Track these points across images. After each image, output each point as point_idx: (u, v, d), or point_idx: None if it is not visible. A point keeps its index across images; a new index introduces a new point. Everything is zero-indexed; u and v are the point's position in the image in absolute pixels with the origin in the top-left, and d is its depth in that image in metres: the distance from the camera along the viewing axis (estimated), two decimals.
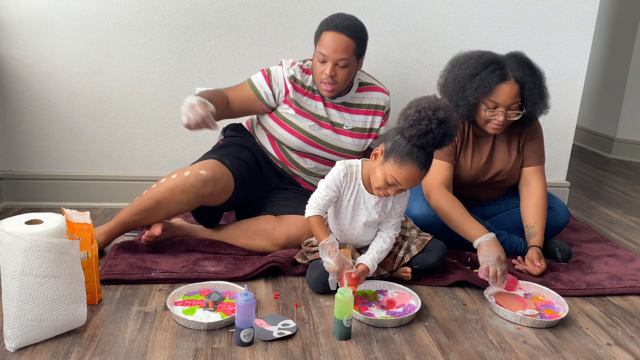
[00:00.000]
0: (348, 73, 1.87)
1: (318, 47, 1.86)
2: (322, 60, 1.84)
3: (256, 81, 1.96)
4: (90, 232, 1.50)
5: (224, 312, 1.51)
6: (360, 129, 2.00)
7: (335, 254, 1.56)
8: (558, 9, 2.43)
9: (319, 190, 1.63)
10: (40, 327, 1.32)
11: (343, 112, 1.99)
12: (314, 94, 1.97)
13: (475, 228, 1.76)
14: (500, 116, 1.84)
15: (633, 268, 1.95)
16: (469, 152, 1.97)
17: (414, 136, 1.46)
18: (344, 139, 1.99)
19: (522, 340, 1.49)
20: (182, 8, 2.22)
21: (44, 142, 2.31)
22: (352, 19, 1.86)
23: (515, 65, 1.84)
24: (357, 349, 1.40)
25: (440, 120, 1.44)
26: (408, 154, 1.48)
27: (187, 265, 1.75)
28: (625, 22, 3.88)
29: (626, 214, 2.69)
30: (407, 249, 1.76)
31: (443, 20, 2.38)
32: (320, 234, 1.60)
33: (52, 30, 2.19)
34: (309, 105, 1.96)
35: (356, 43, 1.84)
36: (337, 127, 1.98)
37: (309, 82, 1.96)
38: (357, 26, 1.86)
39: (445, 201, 1.83)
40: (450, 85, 1.88)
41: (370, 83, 2.02)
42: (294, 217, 1.89)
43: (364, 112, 2.00)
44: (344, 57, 1.82)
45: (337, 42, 1.81)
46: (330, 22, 1.84)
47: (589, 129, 4.24)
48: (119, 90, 2.28)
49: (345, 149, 2.00)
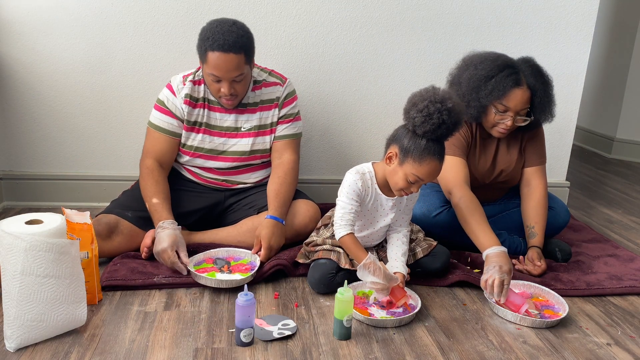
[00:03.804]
0: (246, 82, 1.84)
1: (207, 68, 1.76)
2: (216, 80, 1.78)
3: (157, 121, 1.90)
4: (90, 232, 1.50)
5: (241, 272, 1.68)
6: (259, 126, 1.95)
7: (380, 272, 1.53)
8: (558, 9, 2.43)
9: (342, 205, 1.59)
10: (40, 327, 1.32)
11: (240, 114, 1.93)
12: (210, 104, 1.91)
13: (489, 237, 1.70)
14: (508, 120, 1.84)
15: (633, 268, 1.95)
16: (476, 153, 1.97)
17: (429, 131, 1.46)
18: (243, 141, 1.94)
19: (522, 340, 1.49)
20: (182, 8, 2.22)
21: (44, 142, 2.31)
22: (234, 30, 1.73)
23: (529, 71, 1.84)
24: (357, 349, 1.40)
25: (449, 109, 1.44)
26: (426, 150, 1.48)
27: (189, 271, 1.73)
28: (625, 22, 3.88)
29: (626, 214, 2.69)
30: (412, 252, 1.76)
31: (443, 20, 2.38)
32: (359, 253, 1.56)
33: (52, 30, 2.19)
34: (201, 117, 1.91)
35: (245, 54, 1.76)
36: (234, 132, 1.94)
37: (201, 94, 1.90)
38: (241, 37, 1.74)
39: (468, 201, 1.78)
40: (465, 84, 1.87)
41: (262, 80, 1.96)
42: (296, 205, 1.90)
43: (261, 109, 1.95)
44: (238, 73, 1.76)
45: (227, 62, 1.72)
46: (213, 40, 1.71)
47: (589, 129, 4.24)
48: (119, 90, 2.28)
49: (246, 151, 1.95)
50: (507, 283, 1.60)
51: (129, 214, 1.85)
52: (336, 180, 1.69)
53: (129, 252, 1.82)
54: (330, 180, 2.44)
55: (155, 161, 1.89)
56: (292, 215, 1.88)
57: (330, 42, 2.34)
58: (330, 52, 2.35)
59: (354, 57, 2.38)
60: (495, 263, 1.61)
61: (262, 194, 1.98)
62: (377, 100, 2.43)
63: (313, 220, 1.90)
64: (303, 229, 1.89)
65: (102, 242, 1.74)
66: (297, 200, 1.94)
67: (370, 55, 2.38)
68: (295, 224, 1.88)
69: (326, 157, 2.48)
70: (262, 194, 1.98)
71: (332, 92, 2.40)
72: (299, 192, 2.03)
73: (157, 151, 1.90)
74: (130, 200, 1.92)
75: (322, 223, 1.80)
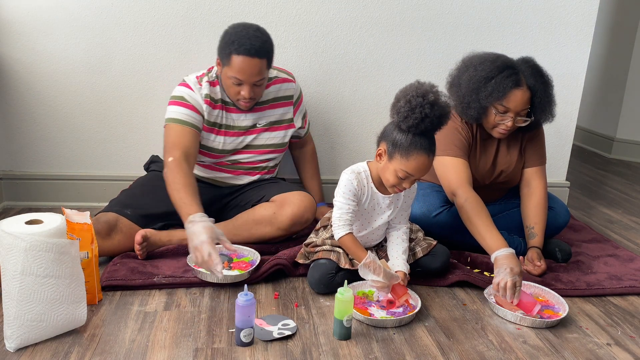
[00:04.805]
0: (264, 86, 1.88)
1: (229, 71, 1.78)
2: (237, 83, 1.80)
3: (180, 115, 1.85)
4: (90, 232, 1.50)
5: (241, 269, 1.70)
6: (275, 122, 2.01)
7: (380, 270, 1.54)
8: (558, 9, 2.43)
9: (339, 206, 1.60)
10: (40, 327, 1.32)
11: (255, 112, 1.97)
12: (226, 105, 1.93)
13: (495, 240, 1.70)
14: (508, 121, 1.84)
15: (633, 268, 1.95)
16: (477, 154, 1.97)
17: (412, 126, 1.47)
18: (262, 136, 1.99)
19: (522, 340, 1.49)
20: (182, 8, 2.22)
21: (44, 142, 2.31)
22: (259, 36, 1.77)
23: (528, 71, 1.83)
24: (357, 349, 1.40)
25: (432, 103, 1.45)
26: (411, 145, 1.49)
27: (189, 269, 1.73)
28: (625, 22, 3.88)
29: (626, 214, 2.69)
30: (412, 251, 1.76)
31: (443, 20, 2.38)
32: (359, 252, 1.57)
33: (52, 30, 2.19)
34: (220, 118, 1.93)
35: (267, 60, 1.80)
36: (251, 129, 1.98)
37: (218, 95, 1.91)
38: (265, 43, 1.78)
39: (474, 203, 1.77)
40: (464, 85, 1.87)
41: (274, 77, 2.01)
42: (290, 196, 1.91)
43: (276, 106, 2.00)
44: (260, 78, 1.80)
45: (251, 66, 1.76)
46: (239, 44, 1.74)
47: (589, 129, 4.24)
48: (119, 90, 2.28)
49: (265, 145, 2.01)
50: (519, 285, 1.60)
51: (128, 212, 1.85)
52: (335, 180, 1.69)
53: (129, 252, 1.82)
54: (330, 180, 2.44)
55: (182, 154, 1.77)
56: (288, 206, 1.89)
57: (330, 42, 2.34)
58: (330, 52, 2.35)
59: (354, 57, 2.38)
60: (506, 265, 1.60)
61: (255, 190, 2.02)
62: (376, 101, 2.43)
63: (308, 210, 1.90)
64: (298, 219, 1.89)
65: (102, 240, 1.74)
66: (292, 192, 1.95)
67: (370, 55, 2.38)
68: (290, 214, 1.88)
69: (326, 157, 2.48)
70: (255, 190, 2.02)
71: (331, 92, 2.40)
72: (294, 186, 2.05)
73: (182, 144, 1.80)
74: (129, 198, 1.92)
75: (321, 224, 1.80)
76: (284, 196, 1.92)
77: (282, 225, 1.88)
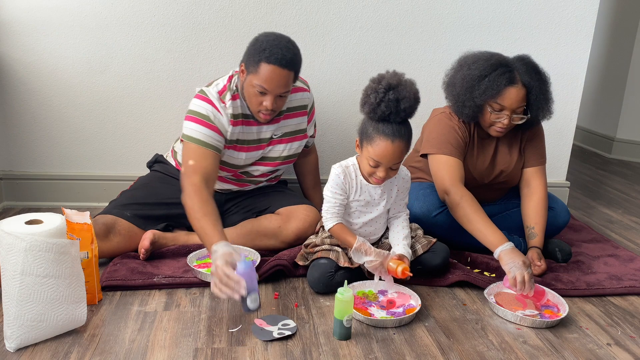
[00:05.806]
0: (286, 99, 1.84)
1: (255, 79, 1.71)
2: (262, 92, 1.73)
3: (203, 137, 1.77)
4: (90, 232, 1.50)
5: None
6: (290, 132, 1.96)
7: (371, 250, 1.58)
8: (558, 9, 2.43)
9: (327, 199, 1.64)
10: (40, 327, 1.32)
11: (273, 124, 1.92)
12: (247, 119, 1.86)
13: (496, 236, 1.70)
14: (505, 119, 1.84)
15: (633, 268, 1.95)
16: (474, 153, 1.97)
17: (370, 112, 1.52)
18: (276, 148, 1.95)
19: (522, 340, 1.49)
20: (182, 8, 2.22)
21: (44, 142, 2.31)
22: (291, 48, 1.73)
23: (523, 69, 1.83)
24: (357, 349, 1.40)
25: (385, 87, 1.49)
26: (374, 131, 1.53)
27: (189, 270, 1.74)
28: (625, 22, 3.88)
29: (626, 214, 2.69)
30: (412, 249, 1.76)
31: (443, 20, 2.38)
32: (349, 238, 1.61)
33: (52, 30, 2.19)
34: (242, 134, 1.87)
35: (295, 73, 1.76)
36: (269, 141, 1.93)
37: (239, 109, 1.84)
38: (296, 56, 1.74)
39: (470, 200, 1.78)
40: (458, 84, 1.87)
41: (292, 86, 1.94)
42: (296, 210, 1.90)
43: (291, 116, 1.96)
44: (285, 90, 1.75)
45: (280, 77, 1.70)
46: (271, 53, 1.68)
47: (589, 129, 4.24)
48: (119, 90, 2.28)
49: (280, 157, 1.96)
50: (532, 275, 1.64)
51: (128, 213, 1.85)
52: None
53: (129, 252, 1.82)
54: None
55: (202, 179, 1.70)
56: (293, 220, 1.88)
57: (330, 42, 2.34)
58: (330, 52, 2.35)
59: (354, 57, 2.38)
60: (516, 259, 1.63)
61: (259, 197, 2.00)
62: None
63: (313, 225, 1.89)
64: (303, 234, 1.88)
65: (100, 242, 1.73)
66: (298, 206, 1.94)
67: (370, 55, 2.38)
68: (295, 229, 1.88)
69: (326, 157, 2.48)
70: (259, 198, 2.00)
71: (331, 92, 2.40)
72: (300, 198, 2.05)
73: (204, 168, 1.73)
74: (129, 199, 1.92)
75: (320, 225, 1.81)
76: (290, 209, 1.91)
77: (287, 239, 1.88)
